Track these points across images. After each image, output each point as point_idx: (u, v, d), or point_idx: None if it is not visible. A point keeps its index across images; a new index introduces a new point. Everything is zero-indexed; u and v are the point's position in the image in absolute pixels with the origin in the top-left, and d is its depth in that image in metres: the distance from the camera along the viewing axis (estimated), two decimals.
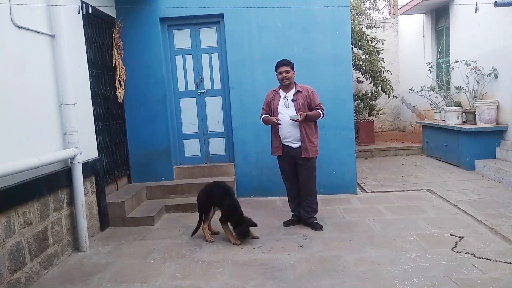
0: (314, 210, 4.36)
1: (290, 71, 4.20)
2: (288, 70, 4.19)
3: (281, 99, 4.25)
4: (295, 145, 4.21)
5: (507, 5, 5.43)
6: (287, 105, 4.20)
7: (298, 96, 4.19)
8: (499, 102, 6.51)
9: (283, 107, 4.21)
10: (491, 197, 5.05)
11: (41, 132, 3.62)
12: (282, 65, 4.22)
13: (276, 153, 4.35)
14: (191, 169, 5.80)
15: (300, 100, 4.17)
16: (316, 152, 4.25)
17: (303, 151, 4.17)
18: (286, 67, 4.19)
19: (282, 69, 4.19)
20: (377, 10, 15.98)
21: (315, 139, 4.25)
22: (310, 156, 4.18)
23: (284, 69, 4.19)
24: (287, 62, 4.23)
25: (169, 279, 3.28)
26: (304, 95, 4.19)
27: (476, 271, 3.09)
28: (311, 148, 4.17)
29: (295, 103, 4.17)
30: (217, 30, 5.69)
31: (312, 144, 4.19)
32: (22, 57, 3.43)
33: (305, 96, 4.19)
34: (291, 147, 4.23)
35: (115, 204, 4.74)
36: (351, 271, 3.22)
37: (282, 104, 4.23)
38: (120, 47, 5.38)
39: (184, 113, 5.85)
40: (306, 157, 4.18)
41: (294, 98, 4.20)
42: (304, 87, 4.25)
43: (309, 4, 5.38)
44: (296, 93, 4.21)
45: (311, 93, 4.23)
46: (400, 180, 6.25)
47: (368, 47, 8.74)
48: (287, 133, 4.20)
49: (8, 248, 3.09)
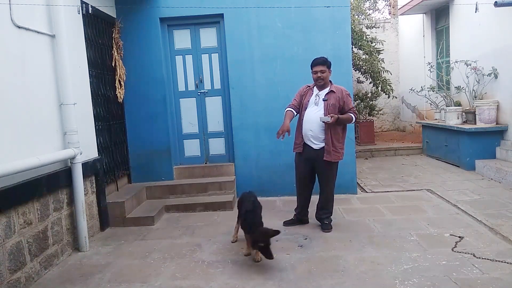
0: (329, 212, 4.28)
1: (325, 70, 4.03)
2: (323, 69, 4.01)
3: (312, 95, 4.11)
4: (315, 145, 4.05)
5: (507, 5, 5.43)
6: (317, 103, 4.05)
7: (330, 96, 4.02)
8: (499, 102, 6.51)
9: (312, 104, 4.07)
10: (491, 197, 5.05)
11: (41, 132, 3.62)
12: (317, 64, 4.04)
13: (296, 149, 4.22)
14: (191, 169, 5.80)
15: (331, 100, 4.00)
16: (339, 158, 4.07)
17: (325, 153, 4.01)
18: (321, 67, 4.01)
19: (318, 69, 4.02)
20: (377, 10, 15.99)
21: (341, 144, 4.07)
22: (332, 161, 4.03)
23: (319, 68, 4.01)
24: (323, 61, 4.04)
25: (169, 279, 3.28)
26: (337, 96, 4.01)
27: (476, 271, 3.09)
28: (334, 152, 4.00)
29: (325, 102, 4.00)
30: (217, 30, 5.69)
31: (335, 149, 4.01)
32: (22, 57, 3.43)
33: (337, 98, 4.00)
34: (312, 147, 4.07)
35: (115, 204, 4.74)
36: (351, 271, 3.22)
37: (312, 101, 4.08)
38: (120, 47, 5.38)
39: (184, 113, 5.85)
40: (328, 161, 4.03)
41: (326, 97, 4.03)
42: (338, 88, 4.07)
43: (309, 4, 5.38)
44: (329, 93, 4.04)
45: (345, 95, 4.05)
46: (400, 180, 6.25)
47: (368, 47, 8.74)
48: (308, 131, 4.05)
49: (8, 248, 3.09)
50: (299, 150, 4.20)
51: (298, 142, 4.19)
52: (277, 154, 5.63)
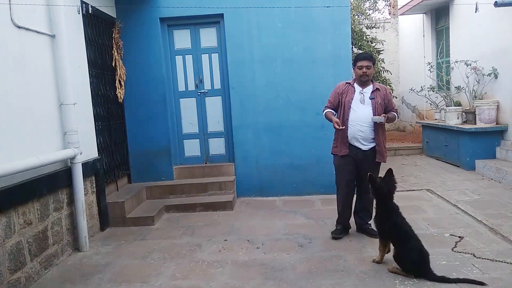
0: (371, 214, 3.97)
1: (371, 66, 3.76)
2: (369, 65, 3.74)
3: (356, 93, 3.79)
4: (365, 147, 3.79)
5: (507, 5, 5.42)
6: (363, 101, 3.76)
7: (377, 95, 3.78)
8: (499, 102, 6.50)
9: (358, 103, 3.76)
10: (491, 197, 5.04)
11: (41, 132, 3.62)
12: (364, 59, 3.77)
13: (342, 152, 3.84)
14: (191, 169, 5.80)
15: (378, 99, 3.76)
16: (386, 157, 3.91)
17: (378, 155, 3.79)
18: (368, 62, 3.75)
19: (364, 63, 3.74)
20: (377, 10, 16.00)
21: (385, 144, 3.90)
22: (385, 161, 3.85)
23: (365, 63, 3.74)
24: (370, 57, 3.80)
25: (169, 279, 3.28)
26: (383, 94, 3.80)
27: (476, 271, 3.09)
28: (385, 153, 3.84)
29: (373, 101, 3.75)
30: (217, 30, 5.70)
31: (385, 149, 3.85)
32: (22, 57, 3.43)
33: (383, 96, 3.80)
34: (360, 149, 3.79)
35: (115, 204, 4.74)
36: (351, 271, 3.22)
37: (357, 99, 3.77)
38: (120, 47, 5.38)
39: (184, 113, 5.85)
40: (378, 162, 3.84)
41: (373, 95, 3.77)
42: (382, 86, 3.88)
43: (309, 4, 5.38)
44: (375, 91, 3.79)
45: (388, 93, 3.87)
46: (400, 180, 6.22)
47: (368, 47, 8.75)
48: (358, 133, 3.75)
49: (8, 248, 3.09)
50: (345, 152, 3.84)
51: (344, 143, 3.84)
52: (277, 154, 5.63)
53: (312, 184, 5.57)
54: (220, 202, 5.19)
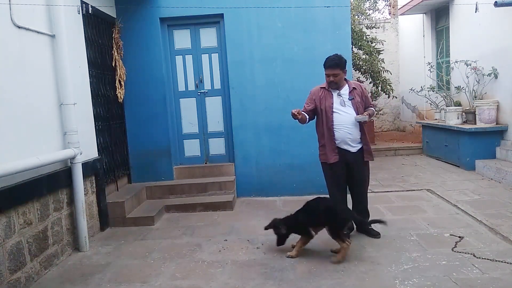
0: (368, 213, 4.05)
1: (338, 74, 3.70)
2: (336, 73, 3.70)
3: (334, 97, 3.79)
4: (353, 148, 3.79)
5: (507, 5, 5.43)
6: (343, 103, 3.75)
7: (355, 94, 3.79)
8: (499, 102, 6.51)
9: (339, 106, 3.75)
10: (491, 197, 5.04)
11: (41, 132, 3.62)
12: (328, 67, 3.72)
13: (332, 158, 3.78)
14: (191, 169, 5.80)
15: (357, 98, 3.78)
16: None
17: (366, 154, 3.82)
18: (332, 70, 3.70)
19: (329, 72, 3.71)
20: (377, 10, 15.99)
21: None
22: (373, 159, 3.90)
23: (331, 72, 3.71)
24: (335, 64, 3.68)
25: (169, 279, 3.28)
26: (359, 91, 3.83)
27: (476, 271, 3.09)
28: (371, 151, 3.88)
29: (353, 101, 3.76)
30: (217, 30, 5.70)
31: (370, 147, 3.88)
32: (22, 57, 3.43)
33: (360, 93, 3.83)
34: (349, 151, 3.78)
35: (115, 204, 4.74)
36: (351, 271, 3.22)
37: (337, 103, 3.77)
38: (120, 47, 5.38)
39: (184, 113, 5.85)
40: (367, 161, 3.88)
41: (351, 96, 3.78)
42: (357, 84, 3.90)
43: (309, 4, 5.38)
44: (352, 91, 3.80)
45: (364, 89, 3.91)
46: (400, 180, 6.25)
47: (368, 47, 8.75)
48: (347, 135, 3.74)
49: (8, 248, 3.09)
50: (335, 159, 3.78)
51: (333, 149, 3.79)
52: (277, 154, 5.63)
53: (312, 184, 5.55)
54: (220, 202, 5.19)
